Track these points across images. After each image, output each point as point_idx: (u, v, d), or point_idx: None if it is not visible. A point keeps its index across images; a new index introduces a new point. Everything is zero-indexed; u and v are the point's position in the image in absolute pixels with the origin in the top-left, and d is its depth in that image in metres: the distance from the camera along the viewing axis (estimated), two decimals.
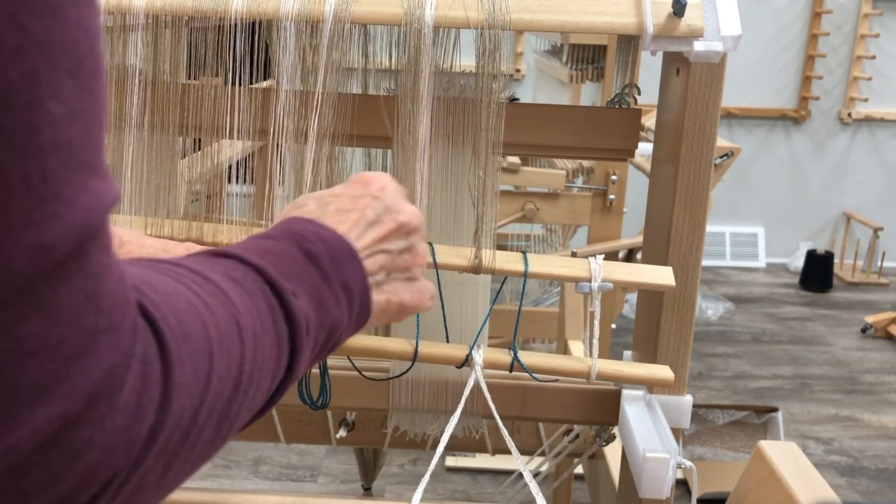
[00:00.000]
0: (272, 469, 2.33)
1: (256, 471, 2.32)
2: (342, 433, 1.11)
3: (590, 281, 0.80)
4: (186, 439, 0.35)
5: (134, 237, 0.70)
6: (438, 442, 0.80)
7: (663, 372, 0.84)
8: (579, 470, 1.42)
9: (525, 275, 0.81)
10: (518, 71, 3.97)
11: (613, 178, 2.06)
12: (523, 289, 0.84)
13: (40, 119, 0.27)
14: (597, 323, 0.82)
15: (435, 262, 0.81)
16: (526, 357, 0.84)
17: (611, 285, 0.80)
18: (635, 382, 0.88)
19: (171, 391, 0.33)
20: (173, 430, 0.34)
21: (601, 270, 0.80)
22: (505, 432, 0.81)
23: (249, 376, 0.40)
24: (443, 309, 0.87)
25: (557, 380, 0.92)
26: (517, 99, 0.93)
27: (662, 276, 0.83)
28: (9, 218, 0.26)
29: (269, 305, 0.43)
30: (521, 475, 0.81)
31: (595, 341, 0.84)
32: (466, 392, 0.81)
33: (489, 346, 0.87)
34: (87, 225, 0.29)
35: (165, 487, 0.36)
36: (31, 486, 0.28)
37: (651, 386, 0.90)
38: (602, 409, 0.93)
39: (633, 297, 3.20)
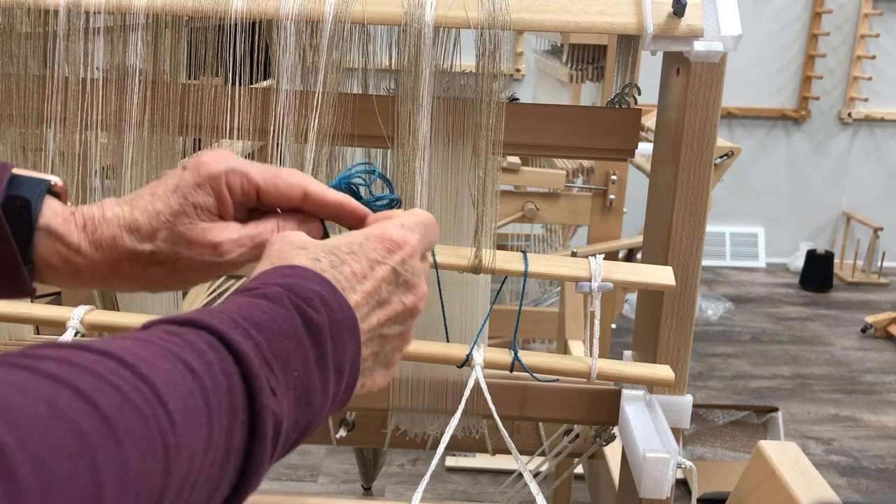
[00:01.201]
0: (272, 469, 2.33)
1: None
2: (342, 433, 1.10)
3: (590, 280, 0.80)
4: None
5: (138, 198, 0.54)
6: (438, 442, 0.80)
7: (664, 372, 0.84)
8: (579, 470, 1.42)
9: (525, 275, 0.80)
10: (518, 71, 3.97)
11: (613, 178, 2.06)
12: (523, 289, 0.84)
13: None
14: (597, 323, 0.82)
15: (435, 262, 0.81)
16: (526, 357, 0.83)
17: (611, 285, 0.80)
18: (636, 382, 0.88)
19: None
20: None
21: (601, 270, 0.80)
22: (504, 433, 0.80)
23: None
24: (443, 309, 0.87)
25: (558, 380, 0.92)
26: (517, 99, 0.93)
27: (662, 275, 0.83)
28: None
29: (232, 408, 0.35)
30: (521, 475, 0.81)
31: (595, 341, 0.84)
32: (467, 392, 0.81)
33: (489, 346, 0.87)
34: None
35: None
36: None
37: (651, 386, 0.90)
38: (602, 409, 0.93)
39: (633, 297, 3.20)
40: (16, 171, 0.50)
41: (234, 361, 0.36)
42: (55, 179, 0.51)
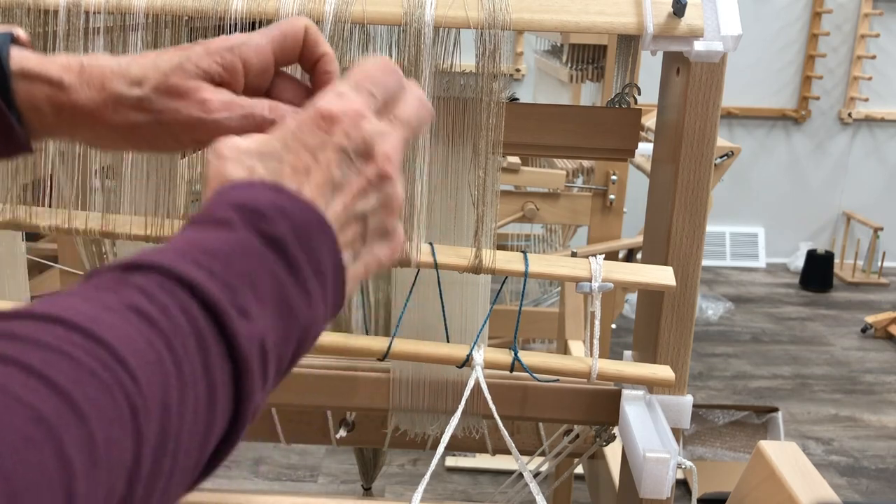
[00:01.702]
0: (272, 469, 2.33)
1: (256, 471, 2.32)
2: (342, 433, 1.10)
3: (590, 281, 0.80)
4: None
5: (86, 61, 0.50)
6: (438, 442, 0.80)
7: (664, 372, 0.84)
8: (579, 470, 1.42)
9: (525, 275, 0.80)
10: (518, 71, 3.97)
11: (613, 178, 2.06)
12: (524, 289, 0.84)
13: None
14: (597, 323, 0.82)
15: (435, 262, 0.81)
16: (526, 357, 0.83)
17: (611, 285, 0.80)
18: (636, 382, 0.88)
19: None
20: None
21: (601, 270, 0.80)
22: (505, 432, 0.81)
23: (153, 472, 0.30)
24: (443, 309, 0.87)
25: (558, 380, 0.92)
26: (517, 99, 0.93)
27: (663, 275, 0.83)
28: None
29: (201, 344, 0.32)
30: (521, 475, 0.81)
31: (596, 341, 0.84)
32: (467, 392, 0.81)
33: (489, 346, 0.87)
34: None
35: None
36: None
37: (651, 386, 0.90)
38: (602, 409, 0.93)
39: (633, 297, 3.20)
40: None
41: (190, 295, 0.33)
42: (18, 31, 0.50)
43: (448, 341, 0.88)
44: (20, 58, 0.48)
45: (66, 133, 0.50)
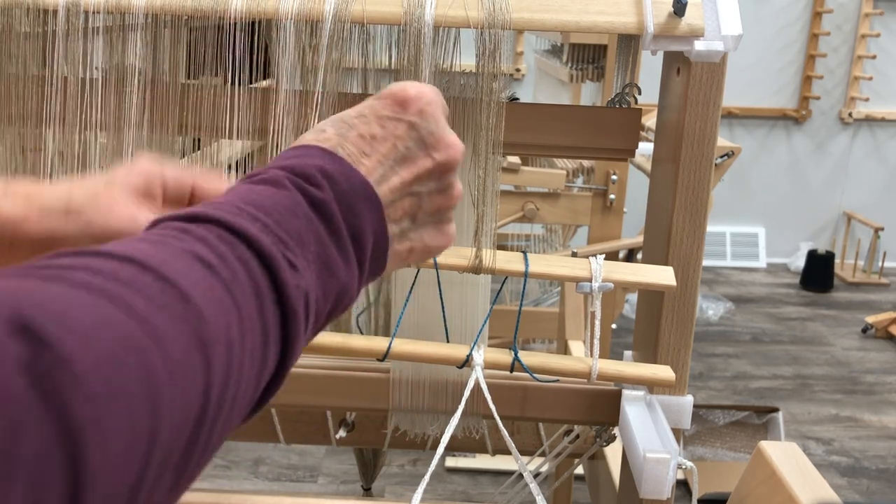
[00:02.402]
0: (272, 469, 2.33)
1: (256, 471, 2.32)
2: (342, 433, 1.10)
3: (590, 281, 0.80)
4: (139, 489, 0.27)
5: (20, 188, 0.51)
6: (438, 442, 0.80)
7: (664, 372, 0.84)
8: (579, 470, 1.42)
9: (525, 275, 0.80)
10: (518, 71, 3.97)
11: (613, 178, 2.06)
12: (524, 289, 0.84)
13: None
14: (598, 323, 0.82)
15: (435, 262, 0.81)
16: (526, 357, 0.83)
17: (612, 285, 0.80)
18: (636, 383, 0.88)
19: (86, 482, 0.24)
20: (106, 485, 0.25)
21: (602, 270, 0.80)
22: (505, 433, 0.80)
23: (219, 401, 0.32)
24: (443, 309, 0.87)
25: (558, 380, 0.91)
26: (517, 99, 0.93)
27: (663, 276, 0.82)
28: None
29: (256, 291, 0.35)
30: (521, 475, 0.81)
31: (596, 341, 0.83)
32: (467, 393, 0.81)
33: (489, 346, 0.87)
34: None
35: None
36: None
37: (652, 386, 0.89)
38: (602, 409, 0.92)
39: (633, 297, 3.20)
40: None
41: (246, 247, 0.36)
42: None
43: (448, 341, 0.88)
44: None
45: None
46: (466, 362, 0.83)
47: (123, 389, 0.26)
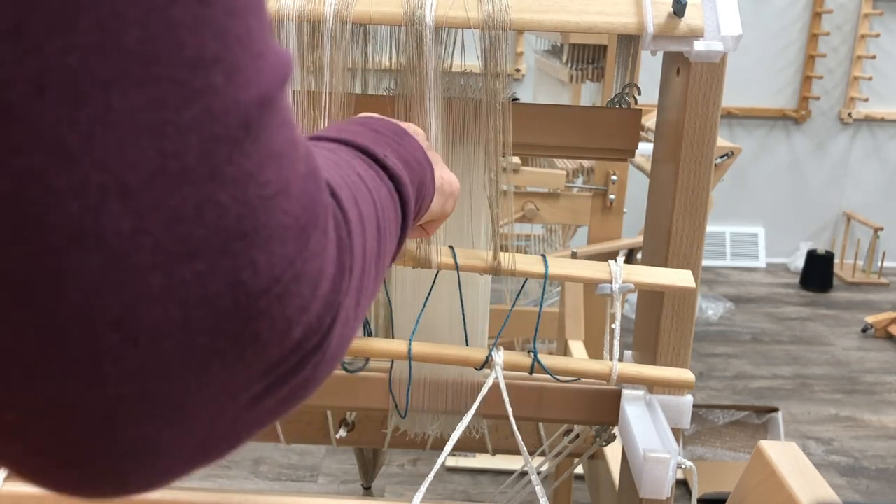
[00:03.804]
0: (272, 469, 2.33)
1: (256, 471, 2.32)
2: (342, 433, 1.10)
3: (611, 283, 0.80)
4: (363, 276, 0.37)
5: None
6: (438, 442, 0.80)
7: (685, 375, 0.84)
8: (579, 470, 1.42)
9: (546, 277, 0.81)
10: (518, 71, 3.97)
11: (613, 178, 2.06)
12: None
13: None
14: (617, 324, 0.82)
15: (456, 263, 0.81)
16: (546, 359, 0.83)
17: (632, 286, 0.80)
18: (658, 385, 0.88)
19: (351, 229, 0.36)
20: (357, 262, 0.36)
21: (622, 272, 0.80)
22: (517, 434, 0.80)
23: (383, 222, 0.44)
24: (462, 310, 0.87)
25: (579, 379, 0.92)
26: (517, 99, 0.93)
27: (681, 278, 0.82)
28: (235, 74, 0.26)
29: (370, 165, 0.47)
30: (521, 475, 0.81)
31: (616, 342, 0.83)
32: (484, 391, 0.81)
33: (489, 346, 0.87)
34: (283, 78, 0.29)
35: (357, 320, 0.37)
36: (290, 309, 0.29)
37: (652, 386, 0.89)
38: (602, 409, 0.93)
39: (632, 298, 3.20)
40: None
41: (347, 146, 0.48)
42: None
43: (466, 342, 0.88)
44: None
45: None
46: (486, 364, 0.83)
47: (343, 184, 0.39)
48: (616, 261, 0.81)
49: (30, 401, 0.24)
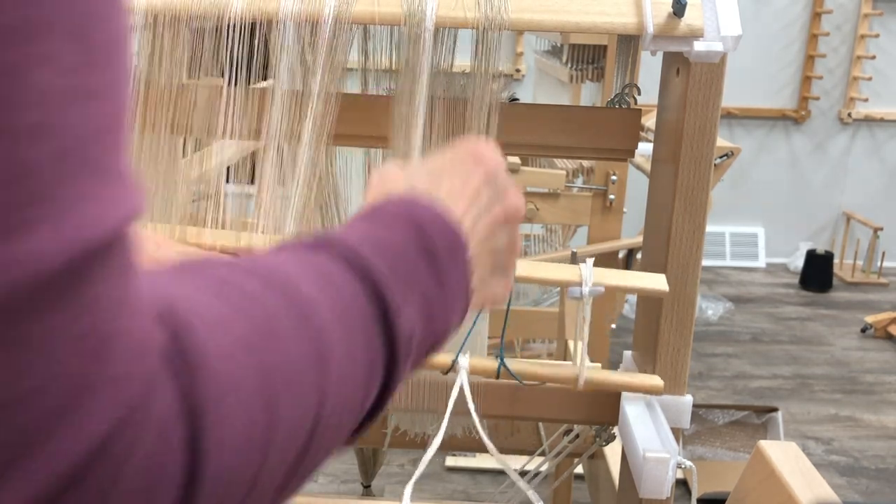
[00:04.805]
0: None
1: None
2: None
3: (580, 286, 0.79)
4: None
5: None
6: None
7: (652, 381, 0.84)
8: (579, 470, 1.42)
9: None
10: (518, 71, 3.97)
11: (613, 178, 2.06)
12: (511, 292, 0.84)
13: (24, 88, 0.20)
14: (587, 328, 0.82)
15: None
16: (514, 363, 0.83)
17: (602, 289, 0.80)
18: (625, 390, 0.88)
19: (204, 458, 0.26)
20: (213, 499, 0.27)
21: (592, 275, 0.80)
22: (483, 433, 0.80)
23: (328, 419, 0.33)
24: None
25: (545, 383, 0.91)
26: (517, 99, 0.93)
27: (654, 282, 0.82)
28: None
29: (366, 324, 0.36)
30: (521, 475, 0.81)
31: (583, 346, 0.83)
32: (454, 395, 0.81)
33: (488, 346, 0.87)
34: (86, 245, 0.22)
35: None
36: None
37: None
38: (602, 409, 0.93)
39: (633, 297, 3.20)
40: None
41: (363, 280, 0.37)
42: None
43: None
44: None
45: None
46: (451, 368, 0.83)
47: (244, 379, 0.29)
48: (587, 263, 0.81)
49: None
